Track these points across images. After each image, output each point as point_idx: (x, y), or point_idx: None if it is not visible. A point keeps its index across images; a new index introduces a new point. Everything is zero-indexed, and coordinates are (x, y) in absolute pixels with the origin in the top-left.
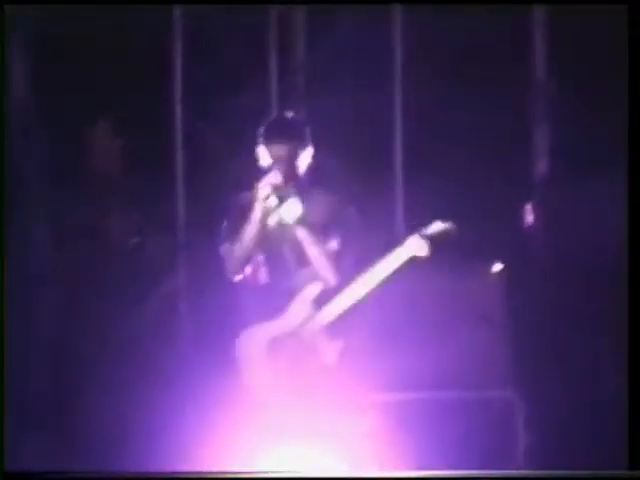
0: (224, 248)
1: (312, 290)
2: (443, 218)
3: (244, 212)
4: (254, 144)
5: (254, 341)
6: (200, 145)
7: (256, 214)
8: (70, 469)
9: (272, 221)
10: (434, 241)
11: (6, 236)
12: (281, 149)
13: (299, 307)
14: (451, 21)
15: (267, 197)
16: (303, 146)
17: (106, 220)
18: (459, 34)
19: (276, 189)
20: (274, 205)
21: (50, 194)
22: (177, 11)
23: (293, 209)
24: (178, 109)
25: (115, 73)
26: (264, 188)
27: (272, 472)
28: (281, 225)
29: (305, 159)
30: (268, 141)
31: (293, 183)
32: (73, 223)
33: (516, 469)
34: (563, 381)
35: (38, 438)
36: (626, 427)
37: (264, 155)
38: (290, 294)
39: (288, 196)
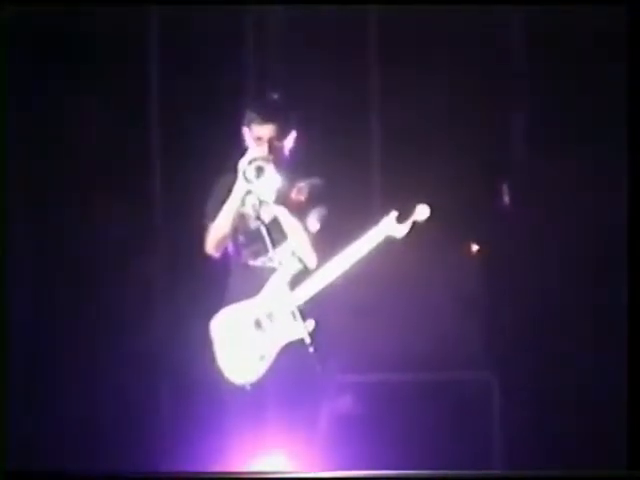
0: (207, 226)
1: (289, 269)
2: (422, 199)
3: (228, 192)
4: (236, 126)
5: (229, 322)
6: (179, 128)
7: (237, 191)
8: (69, 469)
9: (252, 199)
10: (409, 222)
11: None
12: (265, 129)
13: (275, 286)
14: (431, 10)
15: (246, 170)
16: (287, 128)
17: (86, 206)
18: (440, 22)
19: (255, 162)
20: (252, 178)
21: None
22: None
23: (271, 182)
24: (155, 92)
25: (93, 66)
26: (244, 162)
27: (272, 472)
28: (260, 203)
29: (288, 141)
30: (252, 121)
31: (274, 159)
32: (44, 210)
33: (495, 462)
34: (563, 371)
35: (38, 437)
36: (626, 427)
37: (248, 136)
38: (268, 273)
39: (267, 169)
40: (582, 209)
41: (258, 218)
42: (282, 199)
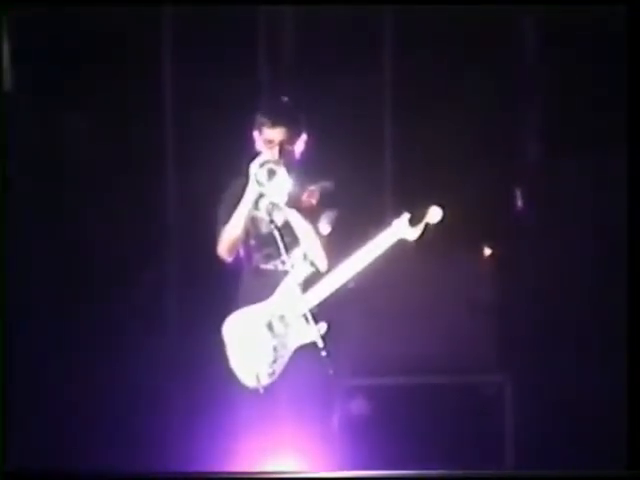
0: (219, 230)
1: (300, 272)
2: (432, 202)
3: (241, 196)
4: (249, 128)
5: (241, 325)
6: (191, 131)
7: (249, 194)
8: (70, 469)
9: (264, 202)
10: (421, 224)
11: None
12: (275, 133)
13: (287, 290)
14: (442, 9)
15: (258, 173)
16: (298, 131)
17: (94, 208)
18: (450, 21)
19: (267, 166)
20: (264, 181)
21: (38, 183)
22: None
23: (283, 185)
24: (169, 97)
25: (107, 66)
26: (255, 165)
27: (273, 472)
28: (272, 206)
29: (299, 144)
30: (263, 125)
31: (285, 162)
32: (60, 210)
33: (507, 464)
34: (564, 371)
35: (37, 437)
36: (626, 427)
37: (259, 139)
38: (280, 277)
39: (279, 172)
40: (594, 210)
41: (271, 221)
42: (293, 202)
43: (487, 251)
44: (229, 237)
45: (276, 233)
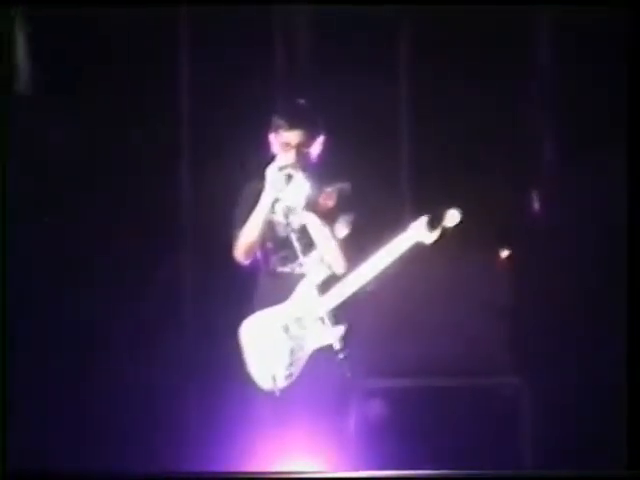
0: (236, 233)
1: (317, 275)
2: (449, 204)
3: (257, 198)
4: (264, 131)
5: (258, 328)
6: (207, 132)
7: (265, 197)
8: (70, 469)
9: (281, 206)
10: (438, 227)
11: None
12: (292, 135)
13: (304, 292)
14: (454, 10)
15: (275, 177)
16: (315, 133)
17: (111, 209)
18: (461, 24)
19: (285, 170)
20: (282, 185)
21: (53, 182)
22: (184, 7)
23: (301, 189)
24: (185, 97)
25: (123, 67)
26: (272, 169)
27: (289, 473)
28: (289, 210)
29: (316, 147)
30: (280, 127)
31: (302, 165)
32: (75, 209)
33: (522, 463)
34: (564, 372)
35: (39, 438)
36: (626, 427)
37: (275, 142)
38: (296, 280)
39: (296, 177)
40: (610, 212)
41: (288, 224)
42: (310, 205)
43: (503, 254)
44: (246, 240)
45: (293, 236)
